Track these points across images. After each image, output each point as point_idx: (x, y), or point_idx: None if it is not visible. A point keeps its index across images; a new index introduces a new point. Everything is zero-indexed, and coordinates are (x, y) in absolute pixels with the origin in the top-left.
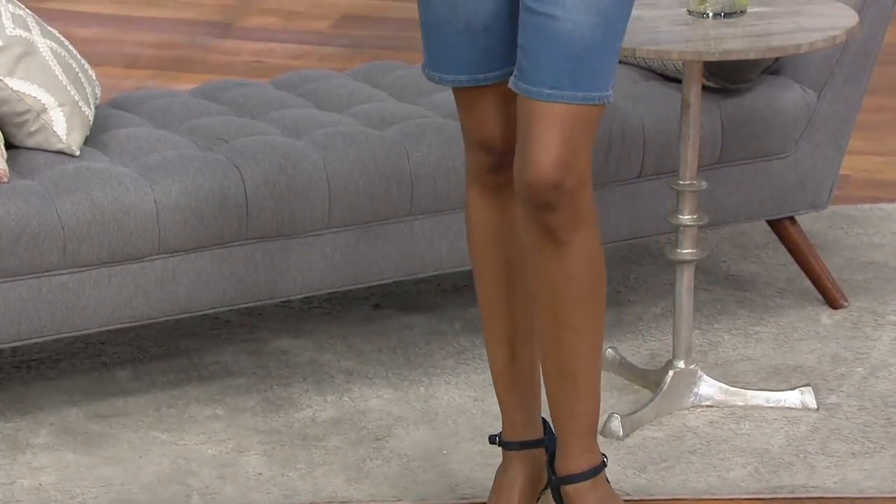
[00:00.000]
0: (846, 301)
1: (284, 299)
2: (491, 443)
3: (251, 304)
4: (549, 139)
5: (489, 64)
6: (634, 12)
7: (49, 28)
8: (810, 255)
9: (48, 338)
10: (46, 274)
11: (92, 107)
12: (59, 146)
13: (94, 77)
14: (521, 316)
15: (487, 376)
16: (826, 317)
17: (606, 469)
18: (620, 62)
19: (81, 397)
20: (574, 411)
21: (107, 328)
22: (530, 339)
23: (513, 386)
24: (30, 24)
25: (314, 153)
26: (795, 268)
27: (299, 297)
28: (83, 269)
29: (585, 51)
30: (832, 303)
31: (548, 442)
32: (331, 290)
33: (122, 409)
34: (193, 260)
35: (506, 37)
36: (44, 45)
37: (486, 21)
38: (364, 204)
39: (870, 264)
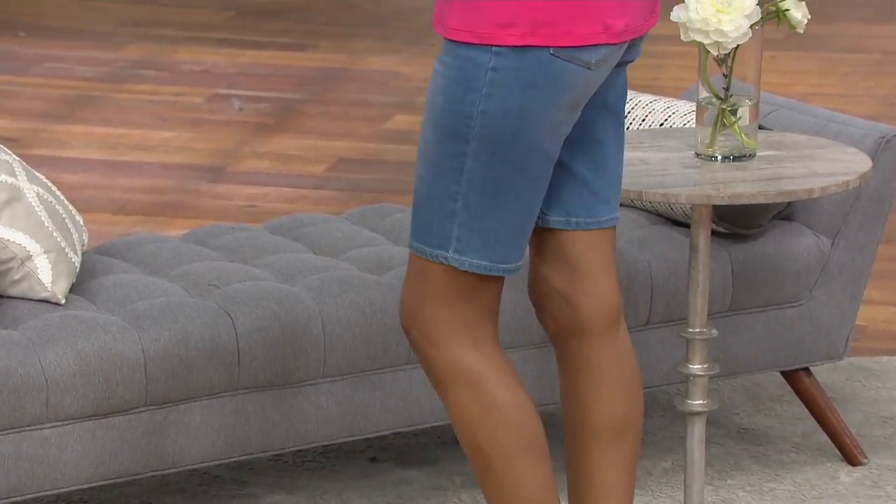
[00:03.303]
0: (865, 458)
1: (277, 453)
2: None
3: (242, 458)
4: (404, 283)
5: None
6: (641, 155)
7: (36, 174)
8: (827, 408)
9: (28, 496)
10: (28, 428)
11: (79, 254)
12: (43, 294)
13: (81, 223)
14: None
15: None
16: (845, 474)
17: None
18: (627, 206)
19: None
20: None
21: (90, 485)
22: None
23: None
24: (16, 169)
25: (309, 299)
26: (811, 422)
27: (292, 450)
28: (66, 422)
29: (416, 200)
30: (851, 459)
31: None
32: (325, 443)
33: None
34: (182, 412)
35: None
36: (30, 191)
37: None
38: (361, 352)
39: (889, 419)
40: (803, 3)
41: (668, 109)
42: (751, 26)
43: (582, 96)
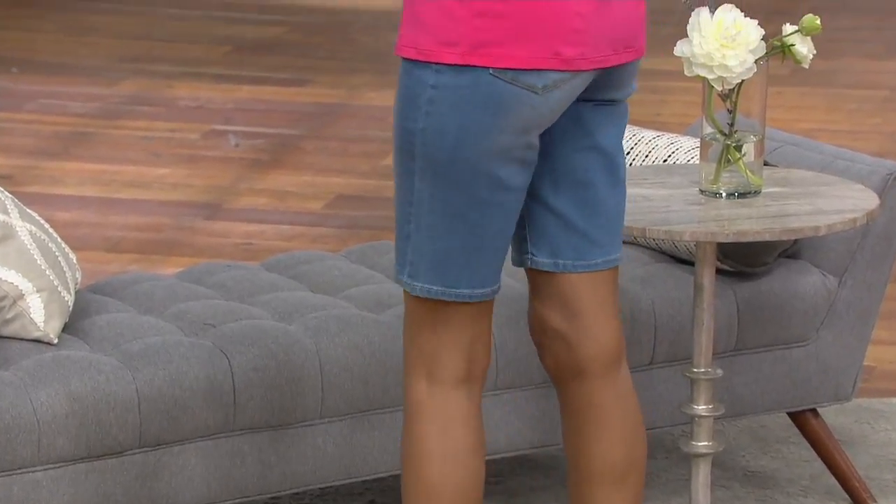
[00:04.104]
0: (875, 502)
1: (273, 495)
2: None
3: (237, 501)
4: None
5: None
6: (644, 191)
7: (29, 211)
8: (835, 450)
9: None
10: (19, 471)
11: (72, 292)
12: (36, 334)
13: (74, 261)
14: None
15: None
16: None
17: None
18: (630, 243)
19: None
20: None
21: None
22: None
23: None
24: (8, 207)
25: (306, 338)
26: (819, 464)
27: (289, 492)
28: (58, 464)
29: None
30: (860, 503)
31: None
32: (323, 486)
33: None
34: (176, 454)
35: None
36: (22, 229)
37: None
38: (359, 392)
39: None
40: (809, 38)
41: (671, 145)
42: (755, 61)
43: (531, 121)
